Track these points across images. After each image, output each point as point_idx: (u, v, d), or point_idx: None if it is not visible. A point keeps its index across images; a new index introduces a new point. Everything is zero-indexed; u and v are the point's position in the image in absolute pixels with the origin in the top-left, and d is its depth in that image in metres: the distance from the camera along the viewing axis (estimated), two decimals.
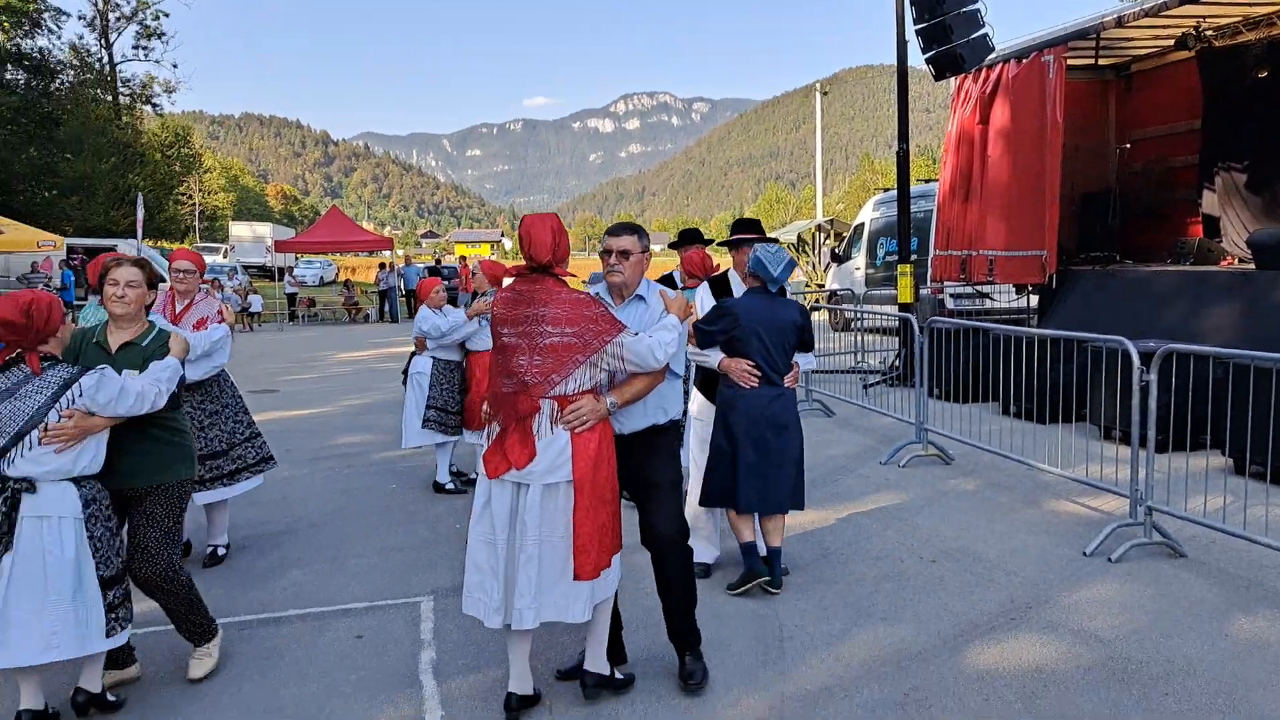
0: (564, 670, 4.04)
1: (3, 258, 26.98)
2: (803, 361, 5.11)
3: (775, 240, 5.21)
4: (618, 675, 3.90)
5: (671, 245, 7.37)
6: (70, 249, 28.87)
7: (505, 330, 3.66)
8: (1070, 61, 11.30)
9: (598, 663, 3.82)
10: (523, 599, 3.52)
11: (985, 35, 10.51)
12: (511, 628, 3.58)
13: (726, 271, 5.44)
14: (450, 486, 7.32)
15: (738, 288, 5.22)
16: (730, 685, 3.97)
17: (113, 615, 3.69)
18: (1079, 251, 12.38)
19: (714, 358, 4.94)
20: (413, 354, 7.44)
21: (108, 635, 3.67)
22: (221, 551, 5.80)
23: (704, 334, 4.89)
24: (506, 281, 4.08)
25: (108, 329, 4.06)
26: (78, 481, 3.66)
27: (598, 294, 3.96)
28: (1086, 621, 4.54)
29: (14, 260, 27.51)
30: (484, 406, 3.81)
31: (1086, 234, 12.56)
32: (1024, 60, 10.94)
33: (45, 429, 3.53)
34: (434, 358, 7.29)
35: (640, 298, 3.96)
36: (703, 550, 5.22)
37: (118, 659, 4.01)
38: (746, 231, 5.27)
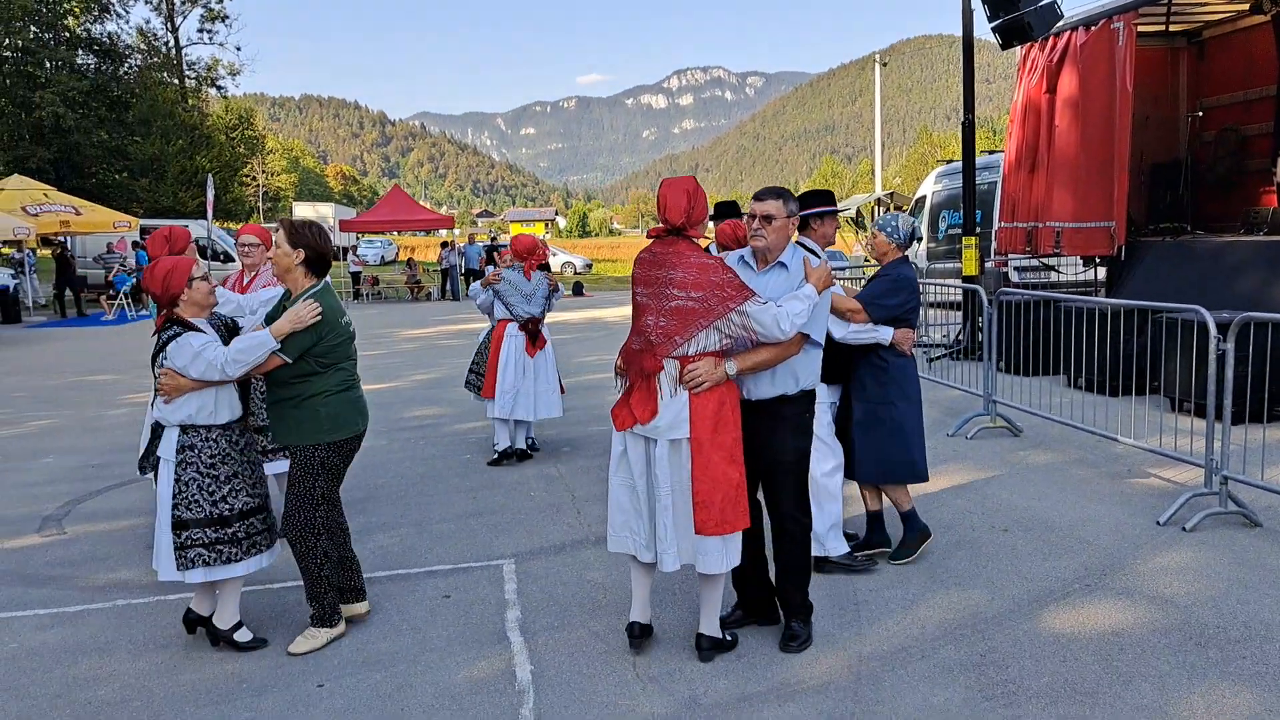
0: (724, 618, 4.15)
1: (80, 239, 27.84)
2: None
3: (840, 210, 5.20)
4: (728, 636, 4.04)
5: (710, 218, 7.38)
6: (143, 230, 29.66)
7: (639, 290, 3.84)
8: (1140, 28, 11.06)
9: (711, 626, 3.97)
10: (663, 544, 3.75)
11: (1054, 3, 10.36)
12: (657, 569, 3.84)
13: (798, 243, 5.37)
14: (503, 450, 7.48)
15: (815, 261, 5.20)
16: (809, 645, 4.09)
17: (181, 554, 4.04)
18: (1148, 223, 12.16)
19: (885, 333, 4.81)
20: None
21: (178, 569, 4.06)
22: None
23: (886, 308, 4.78)
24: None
25: None
26: (183, 429, 4.03)
27: (741, 258, 4.06)
28: (1162, 588, 4.57)
29: (90, 241, 28.38)
30: (617, 360, 3.97)
31: (1156, 205, 12.33)
32: (1093, 27, 10.74)
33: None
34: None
35: (782, 264, 4.01)
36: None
37: (345, 594, 4.40)
38: (820, 203, 5.05)
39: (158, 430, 4.16)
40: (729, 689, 3.71)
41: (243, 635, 4.22)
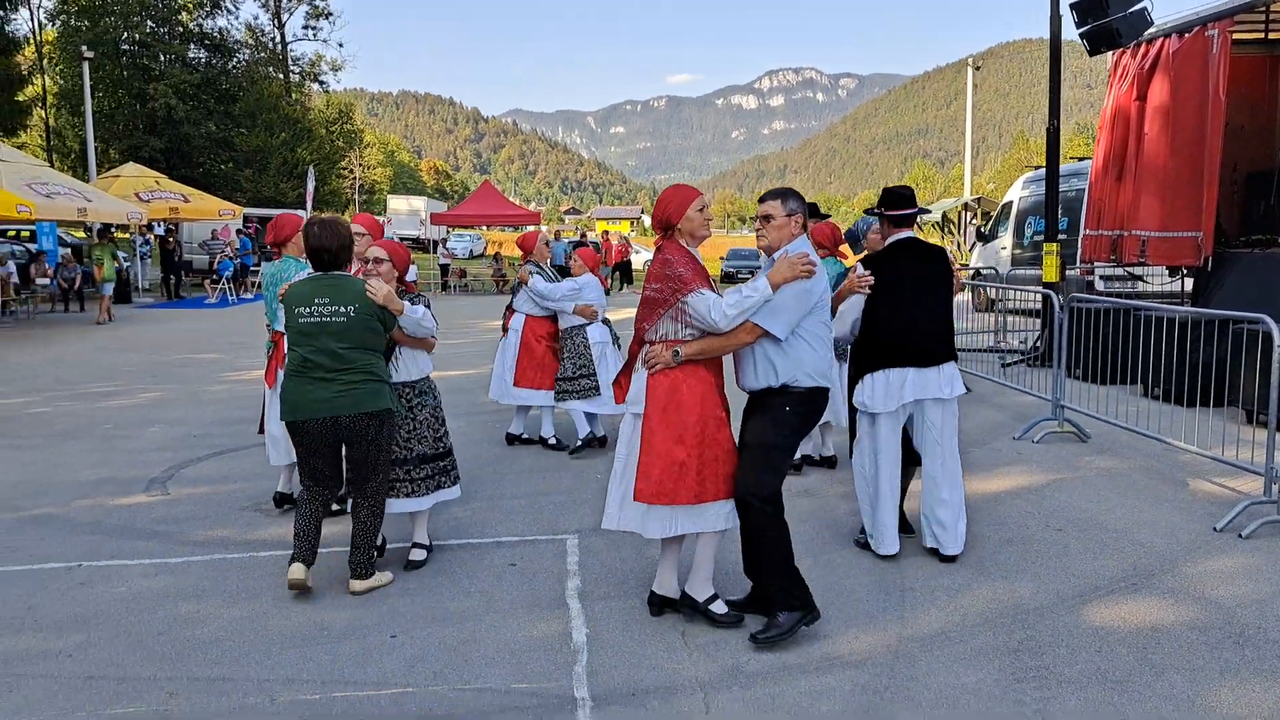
0: (735, 601, 4.36)
1: (187, 225, 29.19)
2: None
3: (926, 210, 5.30)
4: (713, 609, 4.26)
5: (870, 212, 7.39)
6: (246, 218, 30.94)
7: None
8: (1236, 35, 10.86)
9: (696, 589, 4.29)
10: (610, 507, 4.25)
11: (1144, 9, 10.24)
12: (682, 546, 4.33)
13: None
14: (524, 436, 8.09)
15: None
16: (850, 625, 4.28)
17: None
18: (1239, 234, 11.90)
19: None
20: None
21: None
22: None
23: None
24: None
25: None
26: None
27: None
28: (1209, 589, 4.63)
29: (196, 228, 29.73)
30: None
31: (1250, 215, 12.05)
32: (1186, 34, 10.59)
33: None
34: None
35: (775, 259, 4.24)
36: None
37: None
38: (904, 204, 5.05)
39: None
40: (770, 659, 3.93)
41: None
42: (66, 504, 6.35)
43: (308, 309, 4.52)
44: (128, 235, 29.31)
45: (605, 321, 7.79)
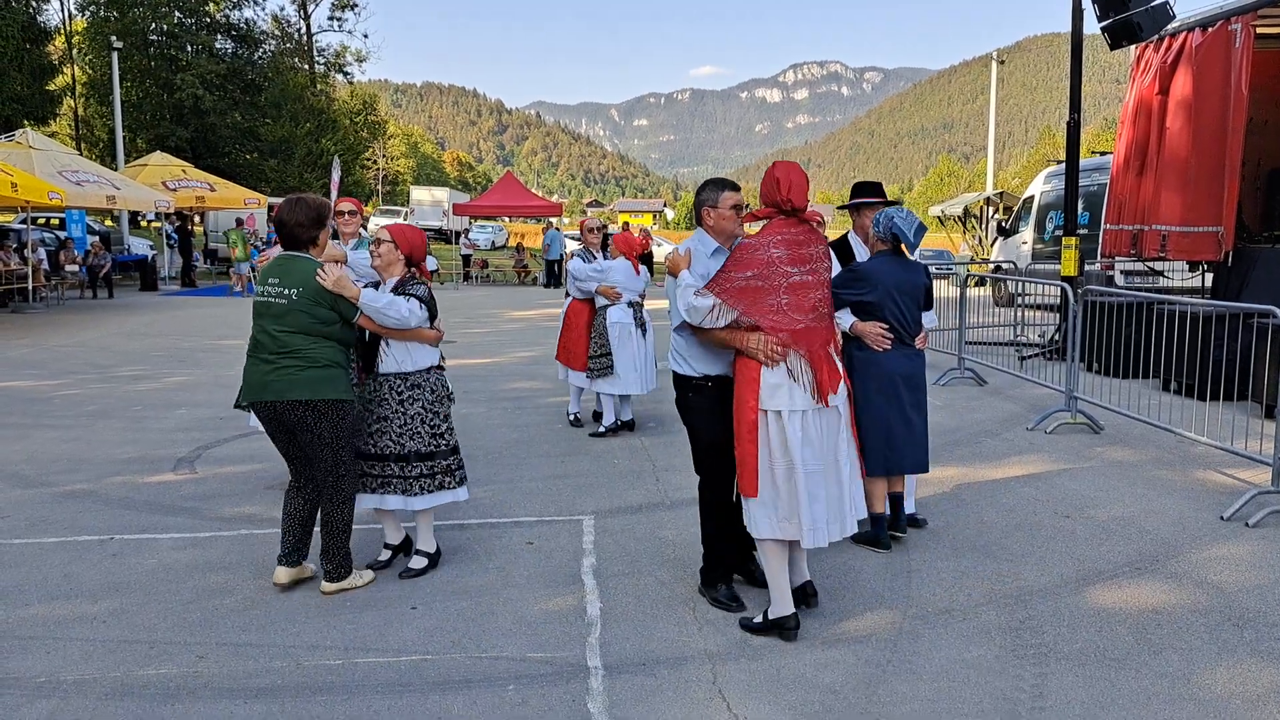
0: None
1: (212, 214, 29.54)
2: (925, 321, 5.19)
3: (898, 203, 5.31)
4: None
5: (841, 207, 7.55)
6: (271, 207, 31.25)
7: (795, 269, 3.94)
8: (1261, 30, 10.83)
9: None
10: (846, 507, 4.04)
11: (1165, 3, 10.24)
12: (838, 537, 4.01)
13: (846, 235, 5.45)
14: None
15: (860, 251, 5.32)
16: (856, 604, 4.39)
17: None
18: (1262, 229, 11.87)
19: (845, 321, 4.92)
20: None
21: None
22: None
23: (838, 297, 4.81)
24: (752, 227, 4.28)
25: None
26: None
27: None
28: (1211, 575, 4.71)
29: (221, 217, 30.08)
30: (772, 346, 3.89)
31: (1273, 211, 12.02)
32: (1209, 29, 10.57)
33: None
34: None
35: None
36: None
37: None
38: (868, 195, 5.31)
39: None
40: (777, 634, 4.05)
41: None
42: (99, 480, 6.55)
43: (262, 287, 4.45)
44: (157, 224, 29.69)
45: (632, 305, 7.90)
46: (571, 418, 8.38)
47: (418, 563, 4.83)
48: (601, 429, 7.92)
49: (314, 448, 4.44)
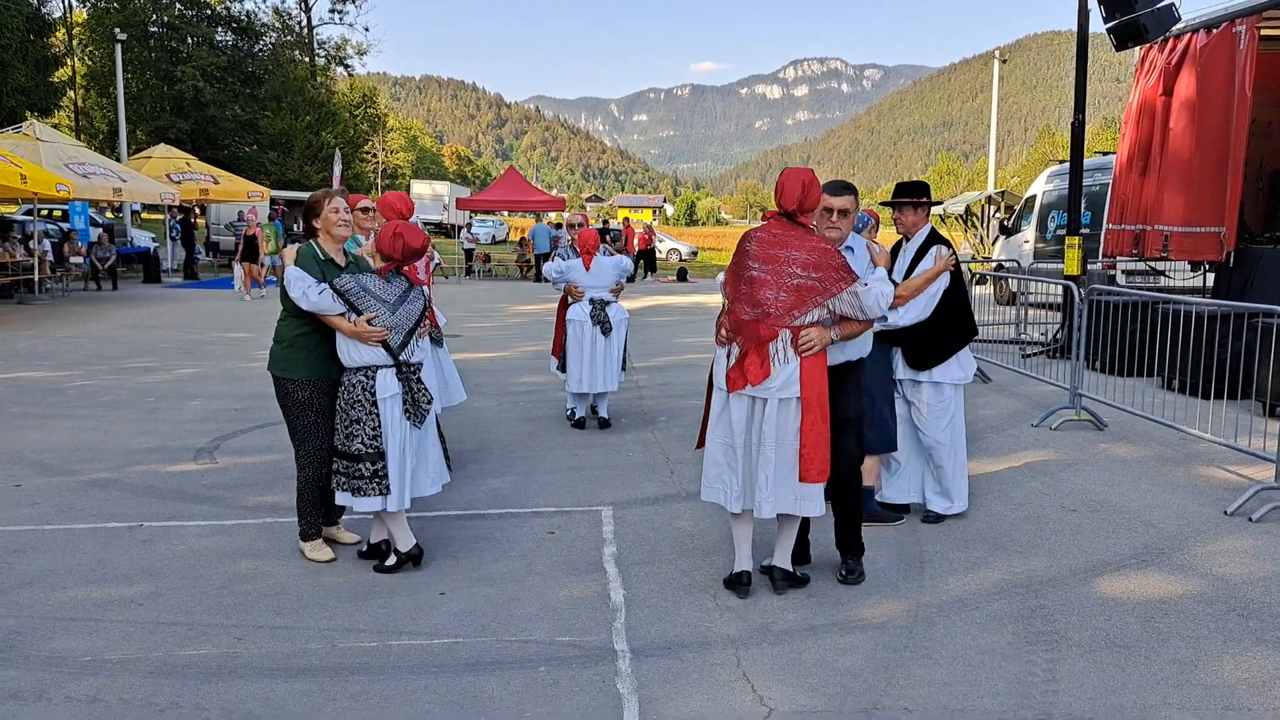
0: (764, 565, 4.62)
1: (214, 206, 29.60)
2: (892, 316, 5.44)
3: (938, 203, 5.54)
4: (799, 573, 4.55)
5: (884, 204, 7.55)
6: (273, 200, 31.33)
7: (756, 266, 4.25)
8: (1265, 32, 10.94)
9: (784, 560, 4.49)
10: (762, 494, 4.23)
11: (1171, 5, 10.35)
12: (754, 515, 4.33)
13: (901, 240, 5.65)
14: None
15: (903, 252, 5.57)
16: (871, 592, 4.52)
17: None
18: (1264, 231, 12.01)
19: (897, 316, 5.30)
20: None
21: None
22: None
23: None
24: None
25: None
26: None
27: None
28: (1216, 567, 4.84)
29: (224, 210, 30.12)
30: (721, 330, 4.38)
31: (1273, 212, 12.16)
32: (1214, 30, 10.68)
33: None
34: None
35: (849, 248, 4.58)
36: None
37: None
38: (914, 194, 5.50)
39: None
40: (797, 620, 4.18)
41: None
42: (121, 470, 6.66)
43: None
44: (159, 216, 29.75)
45: (593, 302, 7.85)
46: (569, 413, 8.30)
47: (391, 559, 4.80)
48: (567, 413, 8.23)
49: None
